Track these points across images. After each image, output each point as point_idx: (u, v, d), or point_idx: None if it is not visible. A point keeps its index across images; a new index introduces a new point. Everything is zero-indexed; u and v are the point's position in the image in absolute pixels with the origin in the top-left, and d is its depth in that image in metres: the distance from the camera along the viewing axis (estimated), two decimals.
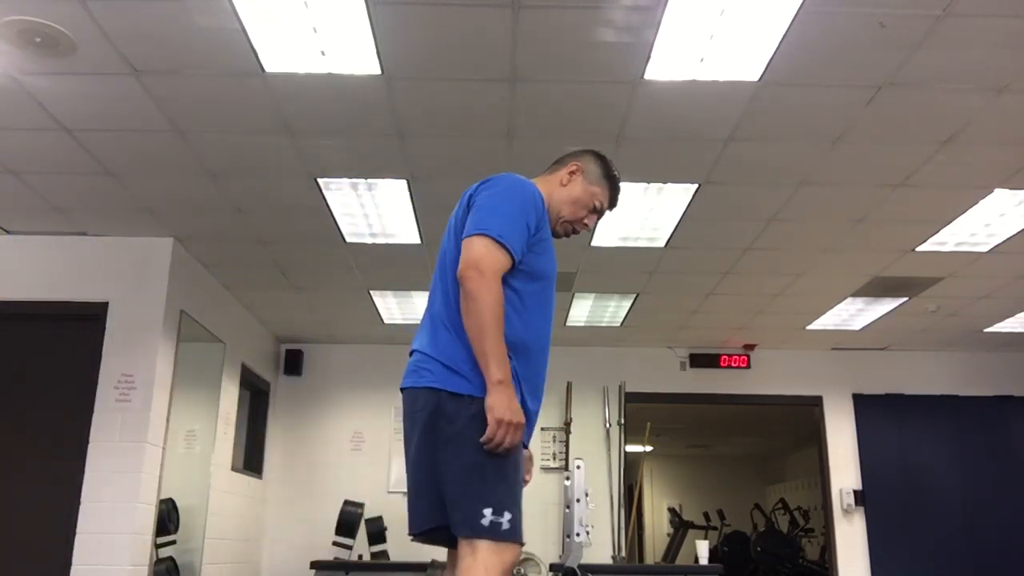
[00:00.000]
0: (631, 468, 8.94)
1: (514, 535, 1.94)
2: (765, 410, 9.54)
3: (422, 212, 5.05)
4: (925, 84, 3.66)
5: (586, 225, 2.37)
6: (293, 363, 8.01)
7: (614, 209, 2.45)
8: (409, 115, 3.98)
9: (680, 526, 11.31)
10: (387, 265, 6.02)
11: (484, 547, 1.91)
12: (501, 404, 1.91)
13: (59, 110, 3.95)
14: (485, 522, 1.90)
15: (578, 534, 4.59)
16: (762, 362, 8.10)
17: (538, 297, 2.16)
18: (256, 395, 7.67)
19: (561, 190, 2.31)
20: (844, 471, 7.87)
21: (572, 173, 2.33)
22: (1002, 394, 8.01)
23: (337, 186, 4.76)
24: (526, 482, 2.18)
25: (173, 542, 5.55)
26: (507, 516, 1.92)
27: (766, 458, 14.92)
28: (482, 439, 1.92)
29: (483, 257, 2.00)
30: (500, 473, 1.96)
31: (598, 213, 2.38)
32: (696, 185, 4.68)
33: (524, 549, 2.04)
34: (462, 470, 1.94)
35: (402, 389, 2.12)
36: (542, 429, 7.80)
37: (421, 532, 2.06)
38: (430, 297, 2.22)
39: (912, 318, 7.01)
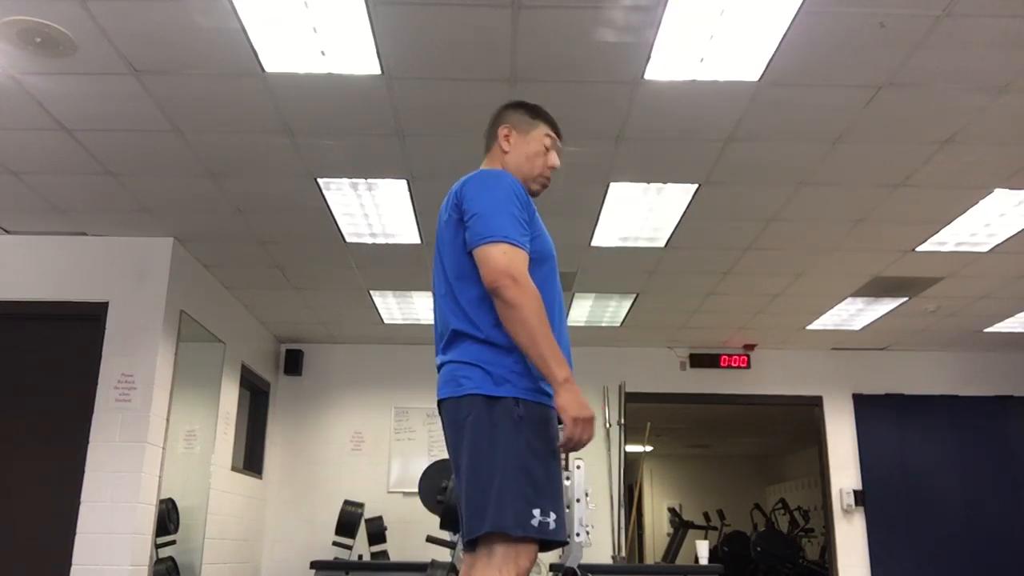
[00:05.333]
0: (631, 468, 8.93)
1: (560, 534, 1.96)
2: (765, 410, 9.54)
3: (422, 212, 5.05)
4: (925, 84, 3.66)
5: (552, 167, 2.33)
6: (293, 363, 8.01)
7: (560, 136, 2.38)
8: (409, 115, 3.98)
9: (680, 526, 11.29)
10: (387, 265, 6.02)
11: (501, 551, 1.91)
12: (573, 403, 1.94)
13: (59, 110, 3.95)
14: (535, 522, 1.91)
15: (578, 534, 4.58)
16: (762, 362, 8.10)
17: (552, 279, 2.17)
18: (256, 395, 7.67)
19: (510, 157, 2.29)
20: (844, 471, 7.87)
21: (506, 137, 2.30)
22: (1002, 394, 8.01)
23: (337, 186, 4.76)
24: None
25: (173, 542, 5.56)
26: (553, 516, 1.94)
27: (766, 458, 14.92)
28: (560, 443, 1.96)
29: (508, 263, 1.99)
30: (547, 474, 1.98)
31: (556, 149, 2.34)
32: (696, 185, 4.68)
33: None
34: (511, 472, 1.94)
35: (440, 401, 2.08)
36: None
37: (475, 539, 2.02)
38: (438, 306, 2.19)
39: (912, 318, 7.01)
